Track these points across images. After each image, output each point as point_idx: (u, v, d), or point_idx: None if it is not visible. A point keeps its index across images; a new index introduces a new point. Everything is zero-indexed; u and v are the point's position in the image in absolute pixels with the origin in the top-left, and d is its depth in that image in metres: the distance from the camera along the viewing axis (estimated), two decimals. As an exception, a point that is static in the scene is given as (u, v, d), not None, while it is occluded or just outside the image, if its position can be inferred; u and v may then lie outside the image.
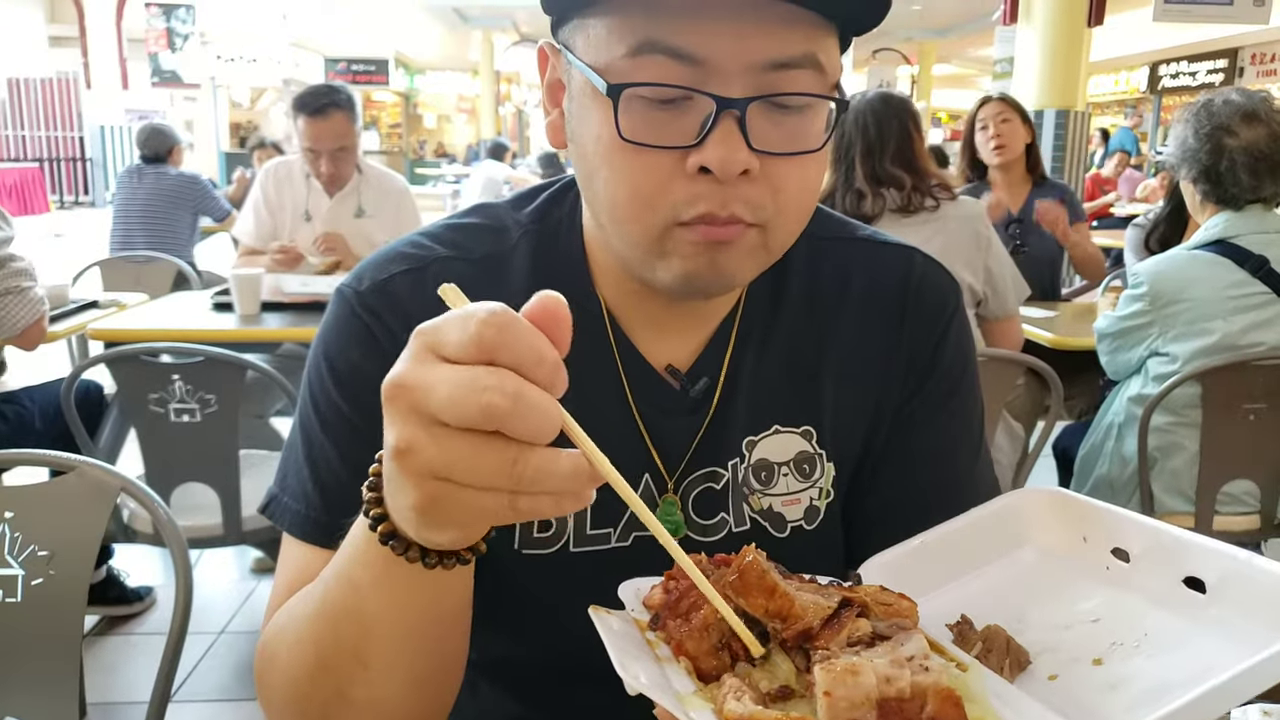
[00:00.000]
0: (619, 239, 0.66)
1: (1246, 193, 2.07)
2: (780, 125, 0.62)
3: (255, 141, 6.45)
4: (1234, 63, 13.85)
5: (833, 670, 0.43)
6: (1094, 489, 2.25)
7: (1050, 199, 3.18)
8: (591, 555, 0.74)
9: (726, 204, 0.61)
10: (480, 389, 0.40)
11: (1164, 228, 2.60)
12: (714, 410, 0.75)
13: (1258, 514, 2.16)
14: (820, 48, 0.61)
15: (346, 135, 2.90)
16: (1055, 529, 0.61)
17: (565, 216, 0.77)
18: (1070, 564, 0.59)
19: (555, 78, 0.69)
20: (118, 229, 4.58)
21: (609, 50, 0.61)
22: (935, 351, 0.79)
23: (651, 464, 0.75)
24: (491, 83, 19.71)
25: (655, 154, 0.61)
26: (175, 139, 4.73)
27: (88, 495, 1.18)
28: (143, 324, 2.60)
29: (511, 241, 0.76)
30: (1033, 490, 0.64)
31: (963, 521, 0.63)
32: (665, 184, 0.61)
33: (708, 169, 0.60)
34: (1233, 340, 2.03)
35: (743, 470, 0.76)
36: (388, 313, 0.72)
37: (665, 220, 0.62)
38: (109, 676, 2.36)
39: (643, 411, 0.74)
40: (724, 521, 0.76)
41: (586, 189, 0.68)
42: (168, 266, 4.02)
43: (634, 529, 0.75)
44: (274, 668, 0.64)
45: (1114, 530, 0.57)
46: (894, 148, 2.25)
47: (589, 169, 0.65)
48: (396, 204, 3.08)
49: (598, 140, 0.63)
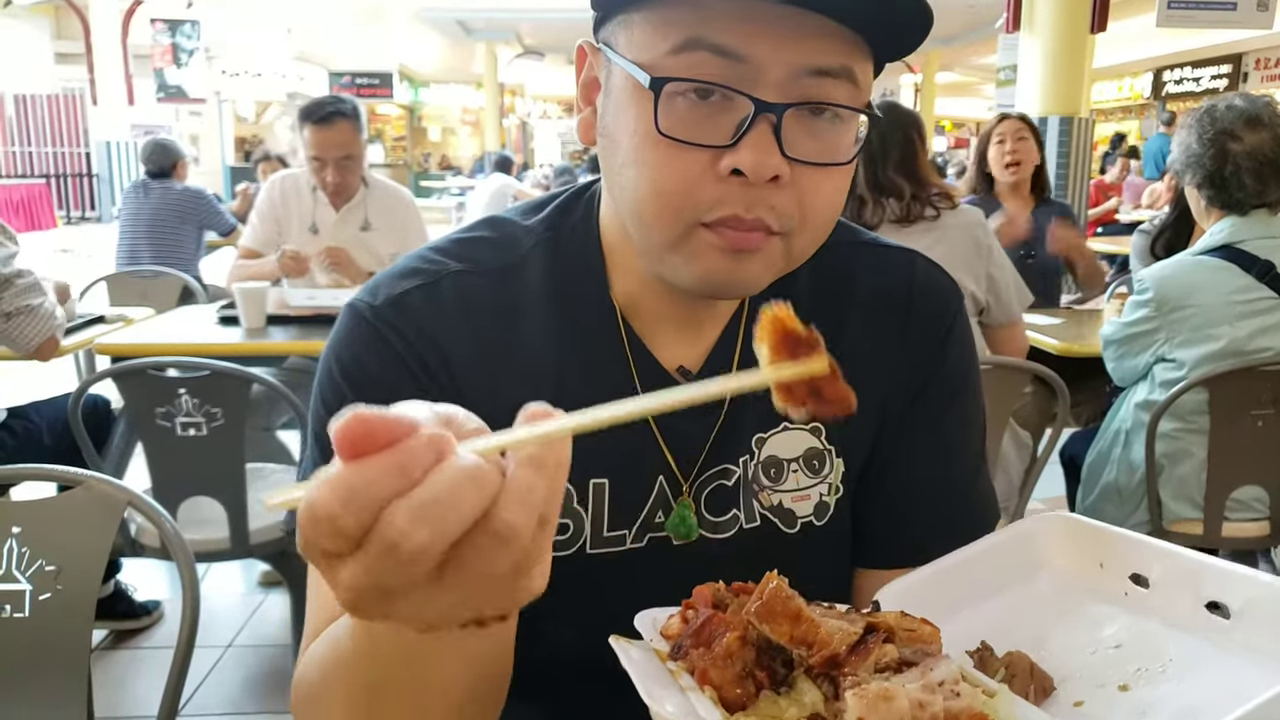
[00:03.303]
0: (642, 235, 0.67)
1: (1251, 197, 2.06)
2: (814, 135, 0.63)
3: (260, 155, 6.50)
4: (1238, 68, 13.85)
5: (866, 696, 0.43)
6: (1102, 496, 2.24)
7: (1052, 215, 3.24)
8: (607, 556, 0.75)
9: (752, 207, 0.62)
10: (394, 554, 0.35)
11: (1169, 234, 2.59)
12: (726, 410, 0.76)
13: (1267, 520, 2.15)
14: (857, 64, 0.63)
15: (352, 144, 2.91)
16: (1070, 555, 0.61)
17: (579, 222, 0.78)
18: (1088, 590, 0.59)
19: (591, 76, 0.71)
20: (124, 244, 4.60)
21: (653, 47, 0.62)
22: (939, 353, 0.80)
23: (666, 467, 0.75)
24: (495, 95, 19.79)
25: (689, 152, 0.62)
26: (179, 153, 4.76)
27: (95, 510, 1.18)
28: (149, 338, 2.60)
29: (523, 251, 0.77)
30: (1046, 516, 0.64)
31: (977, 548, 0.63)
32: (695, 183, 0.62)
33: (740, 171, 0.61)
34: (1239, 346, 2.02)
35: (753, 467, 0.77)
36: (405, 326, 0.72)
37: (690, 219, 0.63)
38: (117, 691, 2.36)
39: (657, 415, 0.75)
40: (735, 518, 0.77)
41: (614, 184, 0.68)
42: (174, 281, 4.03)
43: (648, 530, 0.75)
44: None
45: (1131, 555, 0.57)
46: (897, 157, 2.25)
47: (619, 164, 0.66)
48: (403, 217, 3.09)
49: (633, 135, 0.64)
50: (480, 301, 0.74)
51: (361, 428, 0.35)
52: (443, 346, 0.72)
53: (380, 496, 0.35)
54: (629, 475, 0.75)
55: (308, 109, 2.88)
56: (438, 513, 0.35)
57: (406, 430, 0.36)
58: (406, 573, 0.36)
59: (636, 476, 0.75)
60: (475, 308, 0.73)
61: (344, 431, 0.35)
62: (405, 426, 0.36)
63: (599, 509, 0.75)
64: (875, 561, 0.80)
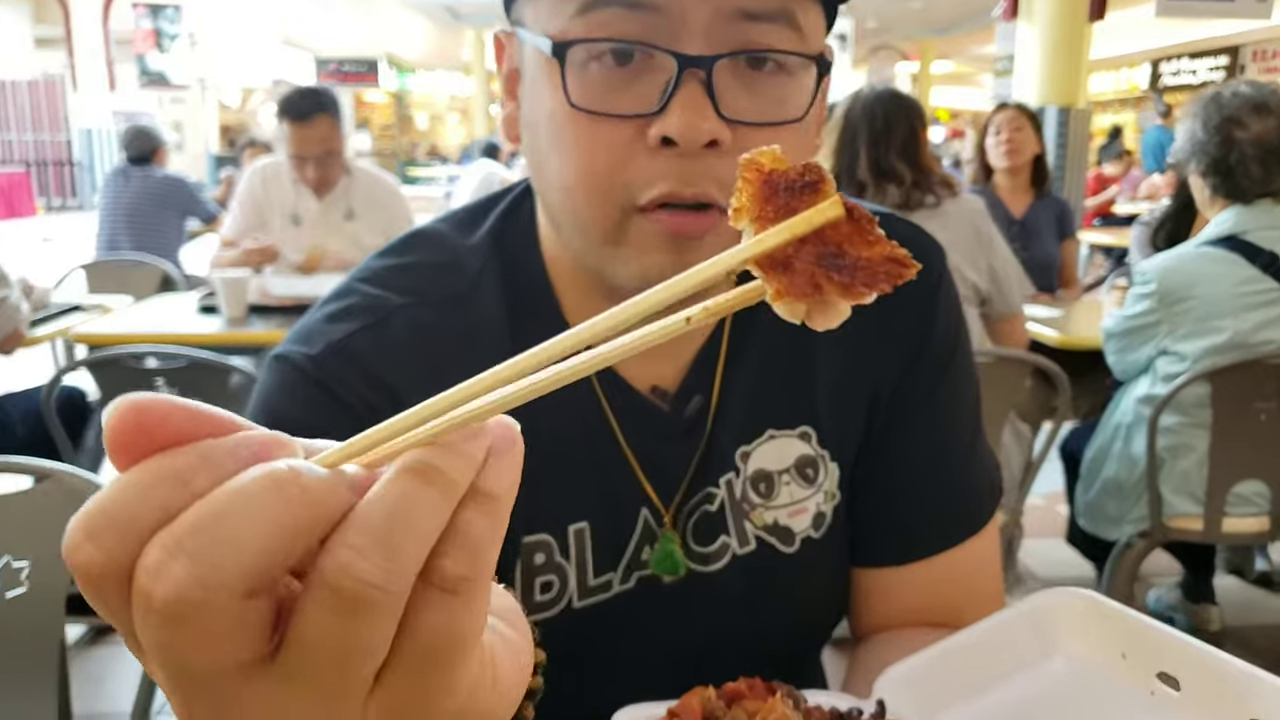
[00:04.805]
0: (576, 234, 0.59)
1: (1257, 185, 2.04)
2: (754, 91, 0.55)
3: (245, 140, 6.38)
4: (1235, 60, 13.85)
5: None
6: (1101, 491, 2.21)
7: (1052, 211, 3.27)
8: (597, 608, 0.67)
9: (692, 181, 0.54)
10: (147, 607, 0.24)
11: (1171, 224, 2.56)
12: (710, 429, 0.68)
13: (1268, 515, 2.12)
14: (796, 5, 0.55)
15: (332, 139, 2.84)
16: (1089, 639, 0.55)
17: (522, 235, 0.69)
18: (1107, 683, 0.53)
19: (512, 67, 0.63)
20: (103, 231, 4.52)
21: (559, 13, 0.55)
22: (929, 315, 0.72)
23: (646, 499, 0.68)
24: (484, 82, 19.64)
25: (610, 125, 0.54)
26: (160, 140, 4.67)
27: (64, 503, 1.16)
28: (127, 328, 2.54)
29: (471, 276, 0.67)
30: (1064, 591, 0.58)
31: (987, 625, 0.57)
32: (622, 160, 0.54)
33: (671, 140, 0.53)
34: (1243, 338, 1.99)
35: (739, 485, 0.69)
36: (350, 374, 0.62)
37: (623, 202, 0.55)
38: (97, 687, 2.31)
39: (632, 442, 0.67)
40: (725, 546, 0.69)
41: (539, 181, 0.61)
42: (153, 269, 3.95)
43: (635, 569, 0.68)
44: None
45: (1159, 651, 0.51)
46: (900, 140, 2.21)
47: (540, 156, 0.58)
48: (387, 205, 3.03)
49: (550, 117, 0.56)
50: (433, 334, 0.64)
51: (135, 420, 0.24)
52: (394, 387, 0.62)
53: (139, 518, 0.23)
54: (609, 513, 0.67)
55: (286, 104, 2.81)
56: (202, 543, 0.23)
57: (213, 427, 0.25)
58: (187, 644, 0.23)
59: (617, 513, 0.67)
60: (429, 341, 0.64)
61: (114, 427, 0.24)
62: (212, 423, 0.25)
63: (582, 557, 0.67)
64: (875, 559, 0.74)
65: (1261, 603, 2.77)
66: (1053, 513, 3.27)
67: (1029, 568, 2.91)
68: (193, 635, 0.23)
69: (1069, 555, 2.61)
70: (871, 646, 0.74)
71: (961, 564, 0.72)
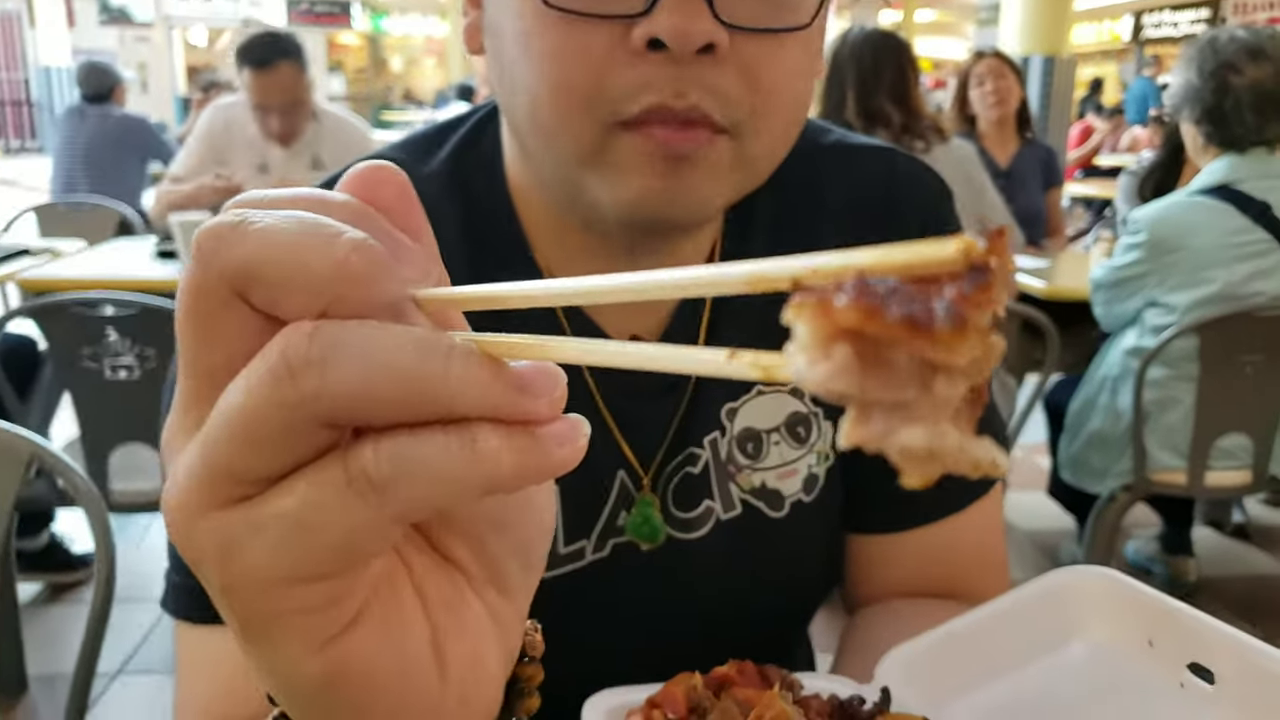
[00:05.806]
0: (546, 157, 0.51)
1: (1251, 133, 2.00)
2: None
3: (205, 82, 6.08)
4: (1217, 11, 13.76)
5: None
6: (1086, 444, 2.19)
7: (1037, 157, 3.25)
8: (569, 577, 0.62)
9: (684, 92, 0.47)
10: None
11: (1159, 174, 2.51)
12: (693, 385, 0.62)
13: (1249, 468, 2.10)
14: None
15: (296, 87, 2.69)
16: (1112, 623, 0.49)
17: (486, 162, 0.61)
18: (1132, 673, 0.47)
19: None
20: (59, 172, 4.33)
21: None
22: None
23: (623, 460, 0.62)
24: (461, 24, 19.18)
25: (590, 26, 0.47)
26: (117, 77, 4.47)
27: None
28: (78, 273, 2.43)
29: (428, 206, 0.59)
30: (1083, 570, 0.52)
31: (998, 606, 0.51)
32: (603, 65, 0.47)
33: (659, 43, 0.46)
34: (1234, 289, 1.96)
35: (725, 445, 0.63)
36: None
37: (605, 116, 0.48)
38: (52, 648, 2.24)
39: (608, 399, 0.61)
40: (709, 511, 0.63)
41: (505, 97, 0.53)
42: (110, 212, 3.79)
43: (610, 536, 0.62)
44: None
45: (1190, 638, 0.46)
46: (889, 82, 2.12)
47: (506, 67, 0.51)
48: (358, 152, 2.90)
49: (519, 20, 0.49)
50: None
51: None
52: None
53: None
54: (581, 475, 0.60)
55: (245, 50, 2.66)
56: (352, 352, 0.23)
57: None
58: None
59: (590, 476, 0.61)
60: None
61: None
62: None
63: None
64: (871, 525, 0.69)
65: (1238, 554, 2.78)
66: (1031, 463, 3.26)
67: (1009, 520, 2.90)
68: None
69: (1050, 508, 2.60)
70: (868, 620, 0.69)
71: (964, 531, 0.67)
